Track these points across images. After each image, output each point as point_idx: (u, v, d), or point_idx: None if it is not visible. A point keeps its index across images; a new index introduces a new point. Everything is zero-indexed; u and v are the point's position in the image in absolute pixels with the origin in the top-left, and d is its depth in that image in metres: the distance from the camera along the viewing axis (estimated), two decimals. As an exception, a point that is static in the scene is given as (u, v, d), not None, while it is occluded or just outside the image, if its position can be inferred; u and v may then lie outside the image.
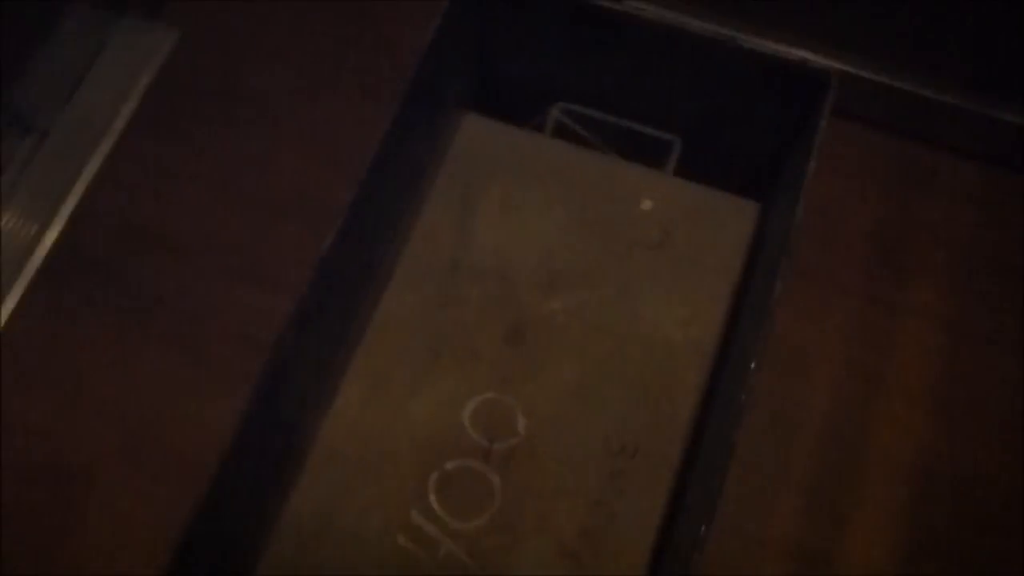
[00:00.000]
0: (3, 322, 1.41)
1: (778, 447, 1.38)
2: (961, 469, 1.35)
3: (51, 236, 1.55)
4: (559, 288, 1.05)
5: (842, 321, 1.45)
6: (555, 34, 1.10)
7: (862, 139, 1.56)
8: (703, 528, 0.78)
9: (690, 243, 1.06)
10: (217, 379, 1.39)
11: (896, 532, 1.32)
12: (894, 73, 1.46)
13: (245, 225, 1.51)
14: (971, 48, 1.40)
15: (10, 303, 1.48)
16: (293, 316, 0.90)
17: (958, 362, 1.41)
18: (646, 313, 1.03)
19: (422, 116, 1.07)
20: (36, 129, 1.62)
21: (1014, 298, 1.44)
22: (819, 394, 1.40)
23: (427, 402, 1.01)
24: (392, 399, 1.01)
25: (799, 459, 1.37)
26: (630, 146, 1.14)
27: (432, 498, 0.97)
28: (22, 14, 1.56)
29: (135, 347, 1.44)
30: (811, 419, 1.39)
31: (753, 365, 0.82)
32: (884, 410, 1.39)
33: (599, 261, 1.06)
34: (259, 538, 0.96)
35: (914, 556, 1.30)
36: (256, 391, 0.88)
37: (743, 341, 0.92)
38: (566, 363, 1.01)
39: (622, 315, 1.03)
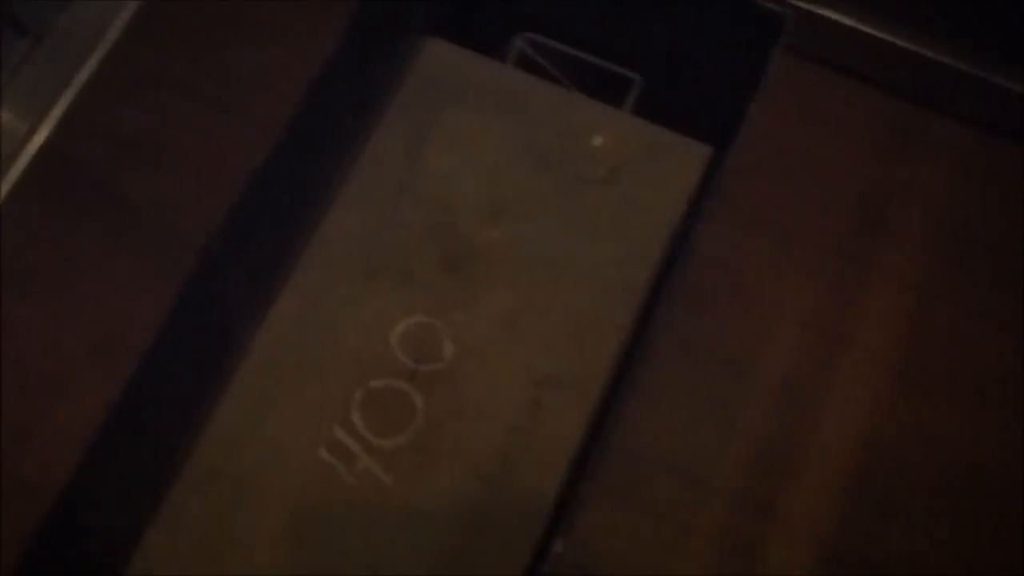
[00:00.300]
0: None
1: (734, 397, 1.38)
2: (918, 433, 1.35)
3: (39, 139, 1.57)
4: (500, 218, 1.05)
5: (814, 278, 1.44)
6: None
7: (856, 97, 1.54)
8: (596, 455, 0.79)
9: (637, 182, 1.05)
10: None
11: (844, 490, 1.32)
12: (894, 31, 1.43)
13: (234, 141, 1.52)
14: (973, 10, 1.37)
15: (-4, 202, 1.50)
16: (222, 224, 0.91)
17: (927, 327, 1.40)
18: (583, 249, 1.03)
19: (380, 38, 1.07)
20: (31, 33, 1.63)
21: (992, 267, 1.42)
22: (782, 349, 1.40)
23: (358, 321, 1.02)
24: (324, 316, 1.02)
25: (754, 410, 1.37)
26: (593, 82, 1.14)
27: (355, 414, 0.99)
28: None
29: (112, 256, 1.46)
30: (771, 373, 1.39)
31: (664, 302, 0.82)
32: (846, 370, 1.39)
33: (543, 194, 1.06)
34: (183, 441, 0.98)
35: (858, 515, 1.31)
36: (180, 297, 0.90)
37: (664, 280, 0.92)
38: (499, 293, 1.02)
39: (559, 249, 1.03)
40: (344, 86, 1.02)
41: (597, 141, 1.06)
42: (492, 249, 1.03)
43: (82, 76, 1.62)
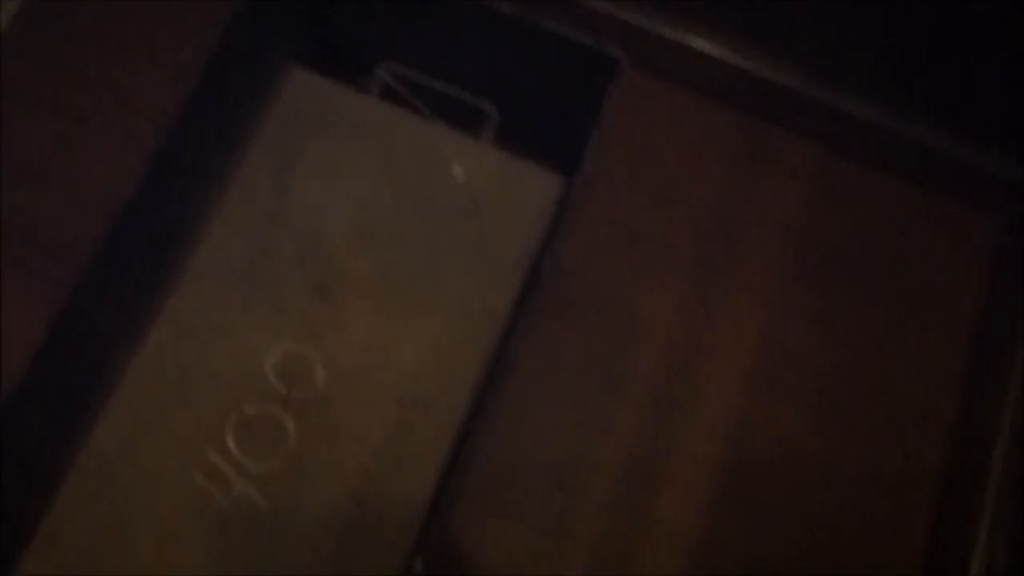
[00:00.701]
0: None
1: (603, 405, 1.45)
2: (773, 438, 1.44)
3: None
4: (368, 248, 1.10)
5: (673, 290, 1.51)
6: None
7: (708, 115, 1.61)
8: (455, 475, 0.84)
9: (496, 212, 1.11)
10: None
11: (709, 494, 1.40)
12: (743, 54, 1.52)
13: (106, 160, 1.52)
14: (815, 34, 1.46)
15: None
16: (98, 247, 0.94)
17: (782, 338, 1.49)
18: (448, 278, 1.09)
19: (244, 65, 1.11)
20: None
21: (840, 280, 1.52)
22: (647, 358, 1.47)
23: (232, 350, 1.06)
24: (199, 344, 1.06)
25: (622, 418, 1.44)
26: (453, 111, 1.19)
27: (230, 440, 1.03)
28: None
29: None
30: (637, 381, 1.46)
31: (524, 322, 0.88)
32: (707, 377, 1.46)
33: (409, 224, 1.11)
34: (59, 467, 1.01)
35: (723, 517, 1.38)
36: (55, 318, 0.93)
37: (528, 296, 0.98)
38: (368, 320, 1.07)
39: (425, 278, 1.09)
40: (210, 112, 1.05)
41: (457, 172, 1.12)
42: (361, 277, 1.08)
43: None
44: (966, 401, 1.37)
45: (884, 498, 1.40)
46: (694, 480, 1.40)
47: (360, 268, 1.09)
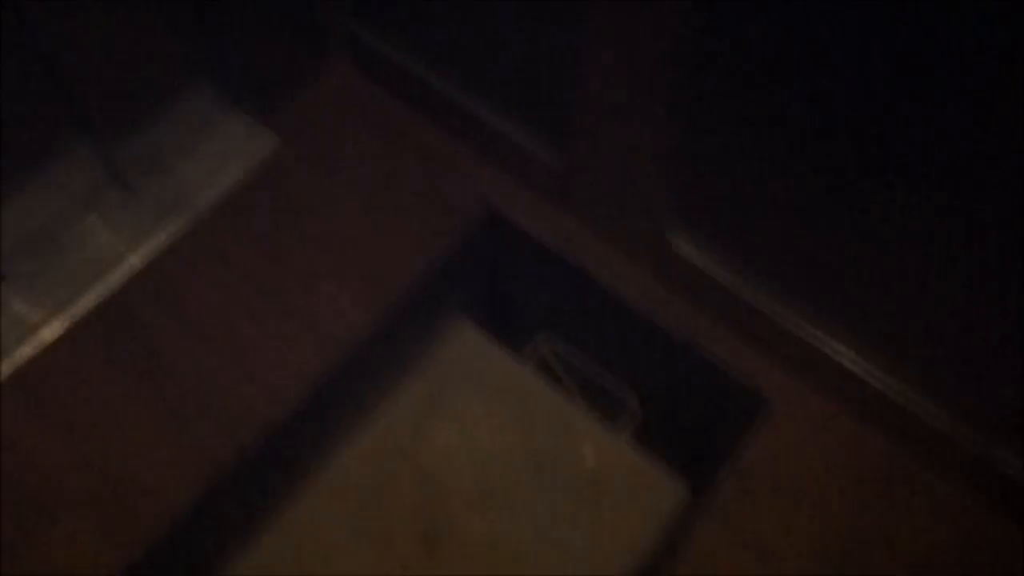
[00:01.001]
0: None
1: None
2: None
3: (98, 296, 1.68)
4: (485, 509, 1.13)
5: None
6: (552, 276, 1.21)
7: (859, 438, 1.59)
8: None
9: (618, 505, 1.14)
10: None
11: None
12: (894, 383, 1.50)
13: (288, 349, 1.61)
14: (971, 376, 1.44)
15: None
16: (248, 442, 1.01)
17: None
18: (555, 556, 1.11)
19: (419, 311, 1.19)
20: (127, 185, 1.77)
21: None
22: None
23: (329, 574, 1.09)
24: (299, 560, 1.10)
25: None
26: (598, 391, 1.23)
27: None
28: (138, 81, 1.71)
29: (147, 421, 1.53)
30: None
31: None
32: None
33: (530, 496, 1.14)
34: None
35: None
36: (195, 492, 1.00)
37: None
38: (467, 581, 1.10)
39: (533, 551, 1.11)
40: (386, 340, 1.13)
41: (588, 456, 1.15)
42: (470, 536, 1.11)
43: (160, 239, 1.74)
44: None
45: None
46: None
47: (472, 526, 1.12)
